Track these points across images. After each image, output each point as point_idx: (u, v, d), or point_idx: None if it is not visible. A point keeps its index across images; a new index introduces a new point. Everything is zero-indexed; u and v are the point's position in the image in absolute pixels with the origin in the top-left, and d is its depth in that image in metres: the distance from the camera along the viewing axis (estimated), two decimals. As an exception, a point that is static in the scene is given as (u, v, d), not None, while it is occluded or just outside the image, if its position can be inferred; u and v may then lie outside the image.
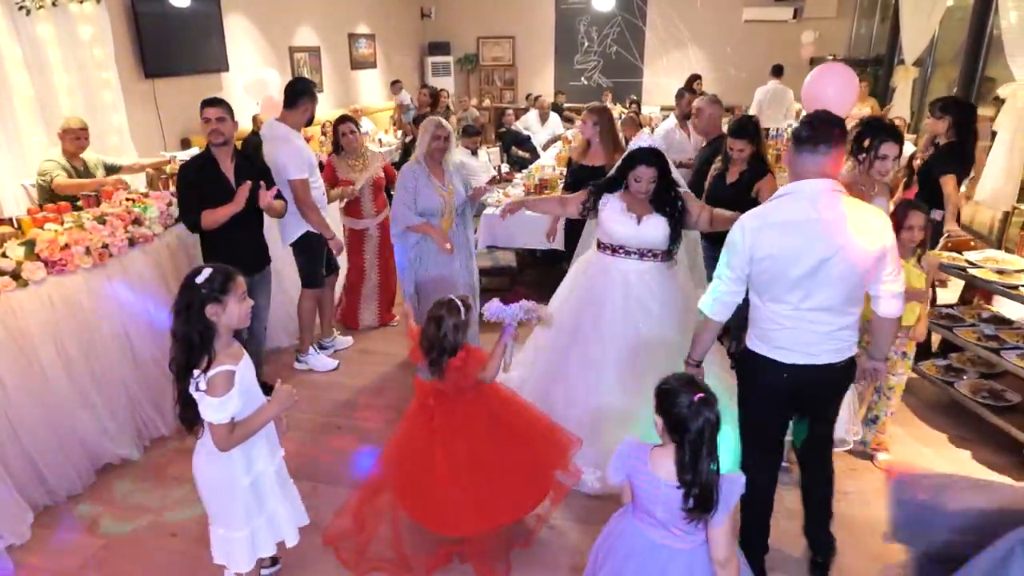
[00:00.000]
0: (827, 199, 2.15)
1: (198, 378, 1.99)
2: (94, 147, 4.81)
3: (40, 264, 3.03)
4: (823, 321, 2.20)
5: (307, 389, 4.10)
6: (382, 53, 11.27)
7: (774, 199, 2.25)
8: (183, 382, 2.03)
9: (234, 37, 7.49)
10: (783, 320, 2.22)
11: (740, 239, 2.21)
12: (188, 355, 2.00)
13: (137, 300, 3.47)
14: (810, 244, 2.12)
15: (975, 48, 5.89)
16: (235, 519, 2.19)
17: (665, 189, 3.09)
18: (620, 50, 12.37)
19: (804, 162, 2.17)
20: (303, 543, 2.46)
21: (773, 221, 2.18)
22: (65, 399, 3.08)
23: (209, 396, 1.98)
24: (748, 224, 2.20)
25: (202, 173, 3.41)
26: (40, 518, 2.96)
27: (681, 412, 1.78)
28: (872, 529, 2.85)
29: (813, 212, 2.13)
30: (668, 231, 3.10)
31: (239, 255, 3.49)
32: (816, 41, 10.86)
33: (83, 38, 5.03)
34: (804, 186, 2.17)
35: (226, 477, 2.13)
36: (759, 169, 3.78)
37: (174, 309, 2.02)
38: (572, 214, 3.42)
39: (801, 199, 2.16)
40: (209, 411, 2.00)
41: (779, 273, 2.18)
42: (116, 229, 3.39)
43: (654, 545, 1.89)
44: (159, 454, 3.47)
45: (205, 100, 3.44)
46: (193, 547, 2.81)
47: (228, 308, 2.03)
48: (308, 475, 3.26)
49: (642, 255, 3.16)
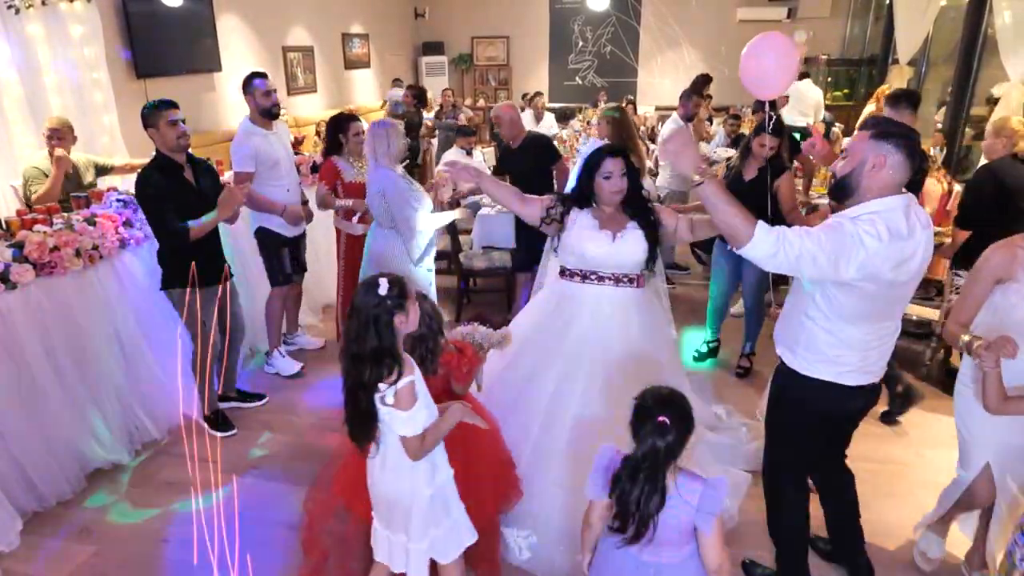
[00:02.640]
0: (920, 214, 2.04)
1: (384, 392, 1.91)
2: (87, 148, 4.77)
3: (29, 267, 2.98)
4: (889, 335, 2.16)
5: (301, 390, 4.07)
6: (376, 53, 11.23)
7: (879, 216, 1.94)
8: (362, 398, 1.94)
9: (227, 37, 7.44)
10: (862, 339, 2.10)
11: (876, 243, 1.91)
12: (379, 370, 1.90)
13: (128, 303, 3.43)
14: (905, 266, 1.99)
15: (969, 48, 5.89)
16: (415, 529, 2.09)
17: (636, 189, 2.75)
18: (615, 50, 12.35)
19: (909, 172, 1.99)
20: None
21: (888, 251, 1.93)
22: (54, 403, 3.04)
23: (398, 410, 1.91)
24: (870, 246, 1.90)
25: (169, 181, 3.24)
26: (29, 525, 2.92)
27: (638, 432, 1.75)
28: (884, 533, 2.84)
29: (912, 235, 1.97)
30: (646, 247, 2.70)
31: (215, 263, 3.46)
32: (810, 41, 10.88)
33: (74, 37, 4.97)
34: (905, 201, 1.99)
35: (407, 489, 2.05)
36: (779, 166, 3.81)
37: (357, 329, 1.90)
38: (530, 218, 2.84)
39: (907, 216, 1.98)
40: (401, 425, 1.93)
41: (871, 297, 2.02)
42: (106, 231, 3.35)
43: (640, 563, 1.82)
44: (150, 458, 3.43)
45: (161, 102, 3.25)
46: (185, 552, 2.78)
47: (410, 315, 1.96)
48: (301, 479, 3.24)
49: (617, 281, 2.74)
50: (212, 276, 3.42)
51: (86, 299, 3.21)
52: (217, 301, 3.46)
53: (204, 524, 2.93)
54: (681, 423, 1.74)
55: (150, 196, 3.21)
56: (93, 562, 2.75)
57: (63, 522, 2.97)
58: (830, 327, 2.09)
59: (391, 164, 3.58)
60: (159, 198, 3.19)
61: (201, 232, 3.25)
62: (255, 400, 3.90)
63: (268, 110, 3.92)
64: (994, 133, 3.68)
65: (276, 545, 2.82)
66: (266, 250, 4.10)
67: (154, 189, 3.20)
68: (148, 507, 3.07)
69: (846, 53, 10.84)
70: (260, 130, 3.93)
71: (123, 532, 2.91)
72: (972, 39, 5.85)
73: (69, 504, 3.07)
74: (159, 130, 3.22)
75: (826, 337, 2.11)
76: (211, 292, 3.40)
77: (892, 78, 7.90)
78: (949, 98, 6.52)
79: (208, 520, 2.96)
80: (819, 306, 2.09)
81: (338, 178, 4.24)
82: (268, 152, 3.93)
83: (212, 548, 2.79)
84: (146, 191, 3.22)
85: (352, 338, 1.91)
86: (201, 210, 3.27)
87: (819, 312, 2.10)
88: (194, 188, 3.32)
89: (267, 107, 3.91)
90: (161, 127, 3.21)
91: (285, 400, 3.97)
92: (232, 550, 2.79)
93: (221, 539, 2.84)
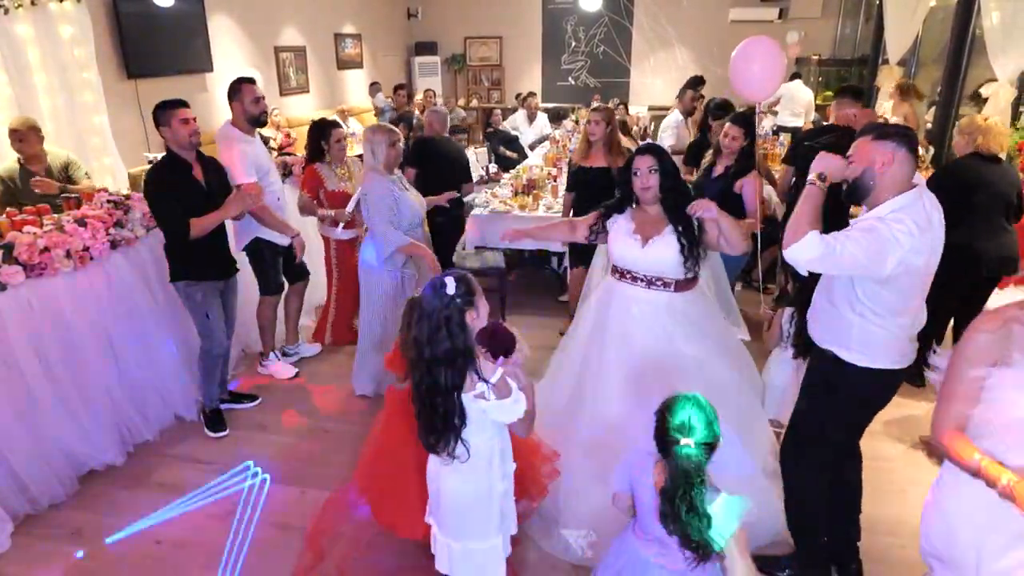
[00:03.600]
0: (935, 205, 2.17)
1: (484, 391, 1.89)
2: (77, 148, 4.74)
3: (19, 268, 2.97)
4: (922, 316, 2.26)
5: (295, 392, 4.07)
6: (368, 53, 11.22)
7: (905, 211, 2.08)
8: (441, 403, 1.90)
9: (218, 37, 7.43)
10: (907, 326, 2.22)
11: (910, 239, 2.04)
12: (455, 372, 1.88)
13: (119, 303, 3.42)
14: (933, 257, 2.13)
15: (958, 48, 5.93)
16: (491, 528, 2.11)
17: (671, 188, 2.73)
18: (607, 50, 12.38)
19: (910, 171, 2.13)
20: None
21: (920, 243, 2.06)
22: (46, 405, 3.03)
23: (500, 400, 1.90)
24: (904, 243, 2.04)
25: (179, 179, 3.27)
26: (21, 527, 2.90)
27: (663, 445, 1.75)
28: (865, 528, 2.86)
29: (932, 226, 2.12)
30: (679, 253, 2.67)
31: (217, 260, 3.49)
32: (801, 41, 10.94)
33: (63, 38, 4.95)
34: (920, 193, 2.12)
35: (484, 488, 2.04)
36: (746, 165, 3.75)
37: (428, 333, 1.87)
38: (581, 239, 2.99)
39: (924, 206, 2.11)
40: (507, 413, 1.92)
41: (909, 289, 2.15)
42: (97, 232, 3.34)
43: (648, 564, 1.84)
44: (143, 459, 3.42)
45: (173, 101, 3.27)
46: (177, 554, 2.78)
47: (480, 309, 1.95)
48: (297, 479, 3.24)
49: (649, 283, 2.75)
50: (215, 270, 3.47)
51: (77, 300, 3.20)
52: (220, 296, 3.50)
53: (198, 526, 2.94)
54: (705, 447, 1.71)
55: (157, 191, 3.25)
56: (85, 564, 2.74)
57: (55, 524, 2.95)
58: (882, 322, 2.20)
59: (382, 172, 3.54)
60: (163, 193, 3.23)
61: (202, 229, 3.26)
62: (248, 401, 3.90)
63: (256, 118, 3.82)
64: (959, 132, 3.83)
65: (271, 546, 2.82)
66: (261, 261, 4.00)
67: (162, 184, 3.24)
68: (141, 508, 3.05)
69: (837, 53, 10.90)
70: (246, 136, 3.84)
71: (116, 534, 2.89)
72: (961, 40, 5.90)
73: (61, 506, 3.05)
74: (172, 128, 3.23)
75: (881, 332, 2.21)
76: (213, 287, 3.46)
77: (882, 78, 7.95)
78: (938, 98, 6.57)
79: (202, 522, 2.96)
80: (865, 303, 2.20)
81: (321, 186, 4.19)
82: (259, 159, 3.88)
83: (206, 550, 2.79)
84: (153, 186, 3.26)
85: (424, 342, 1.88)
86: (208, 207, 3.30)
87: (867, 309, 2.20)
88: (202, 186, 3.34)
89: (255, 114, 3.80)
90: (174, 125, 3.23)
91: (279, 401, 3.96)
92: (226, 551, 2.79)
93: (215, 540, 2.85)
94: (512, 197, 5.64)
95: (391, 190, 3.52)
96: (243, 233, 3.89)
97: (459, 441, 1.94)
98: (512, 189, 5.83)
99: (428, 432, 1.97)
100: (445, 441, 1.94)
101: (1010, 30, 5.15)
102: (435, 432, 1.94)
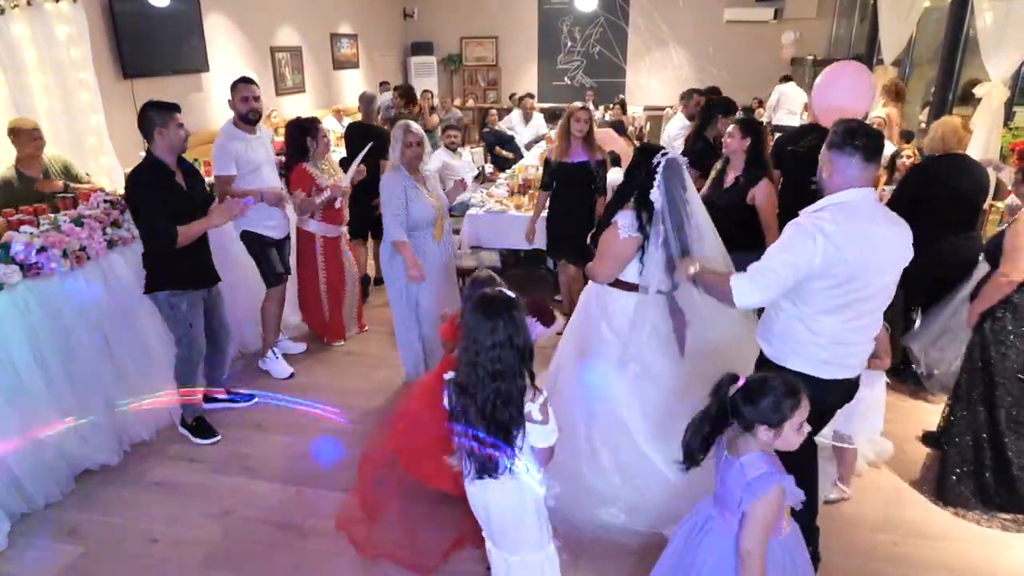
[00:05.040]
0: (881, 208, 2.20)
1: (530, 409, 1.91)
2: (73, 148, 4.74)
3: (15, 267, 2.97)
4: (870, 331, 2.24)
5: (292, 390, 4.07)
6: (365, 53, 11.21)
7: (829, 208, 2.14)
8: (504, 414, 1.90)
9: (214, 37, 7.42)
10: (837, 332, 2.17)
11: (814, 245, 2.06)
12: (523, 383, 1.90)
13: (116, 303, 3.42)
14: (874, 255, 2.10)
15: (952, 48, 5.96)
16: (544, 536, 2.12)
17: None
18: (603, 50, 12.40)
19: (860, 170, 2.14)
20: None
21: (847, 230, 2.07)
22: (42, 404, 3.02)
23: (543, 425, 1.93)
24: (827, 229, 2.06)
25: (163, 184, 3.19)
26: (17, 526, 2.91)
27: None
28: (857, 525, 2.88)
29: (872, 222, 2.12)
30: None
31: (203, 268, 3.45)
32: (796, 41, 10.97)
33: (59, 38, 4.94)
34: (859, 195, 2.13)
35: (530, 498, 2.05)
36: (755, 174, 3.48)
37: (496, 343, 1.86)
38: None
39: (861, 208, 2.13)
40: (542, 437, 1.96)
41: (845, 284, 2.10)
42: (94, 231, 3.34)
43: (708, 517, 1.98)
44: (139, 459, 3.42)
45: (171, 105, 3.22)
46: (174, 552, 2.78)
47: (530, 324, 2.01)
48: (293, 478, 3.25)
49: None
50: (200, 279, 3.42)
51: (73, 300, 3.20)
52: (203, 305, 3.45)
53: (195, 525, 2.94)
54: (757, 395, 1.82)
55: (142, 198, 3.16)
56: (82, 563, 2.74)
57: (52, 523, 2.96)
58: (803, 317, 2.17)
59: (398, 169, 3.63)
60: (151, 200, 3.14)
61: (188, 238, 3.19)
62: (245, 400, 3.90)
63: (244, 115, 3.90)
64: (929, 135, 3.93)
65: (267, 545, 2.83)
66: (252, 252, 4.09)
67: (147, 191, 3.15)
68: (137, 508, 3.06)
69: (832, 53, 10.91)
70: (242, 134, 3.91)
71: (112, 533, 2.90)
72: (955, 40, 5.93)
73: (57, 505, 3.06)
74: (169, 130, 3.15)
75: (800, 327, 2.19)
76: (197, 296, 3.40)
77: (877, 79, 7.97)
78: (932, 98, 6.60)
79: (198, 520, 2.97)
80: (792, 297, 2.17)
81: (313, 184, 4.15)
82: (249, 157, 3.90)
83: (203, 548, 2.80)
84: (138, 192, 3.17)
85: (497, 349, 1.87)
86: (189, 213, 3.23)
87: (792, 303, 2.18)
88: (185, 191, 3.29)
89: (243, 112, 3.89)
90: (171, 128, 3.16)
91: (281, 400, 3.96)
92: (222, 550, 2.80)
93: (211, 539, 2.85)
94: (508, 197, 5.67)
95: (403, 188, 3.59)
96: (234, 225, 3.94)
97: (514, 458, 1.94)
98: (508, 189, 5.86)
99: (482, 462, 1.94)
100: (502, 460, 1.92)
101: (1003, 30, 5.18)
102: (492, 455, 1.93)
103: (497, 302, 1.92)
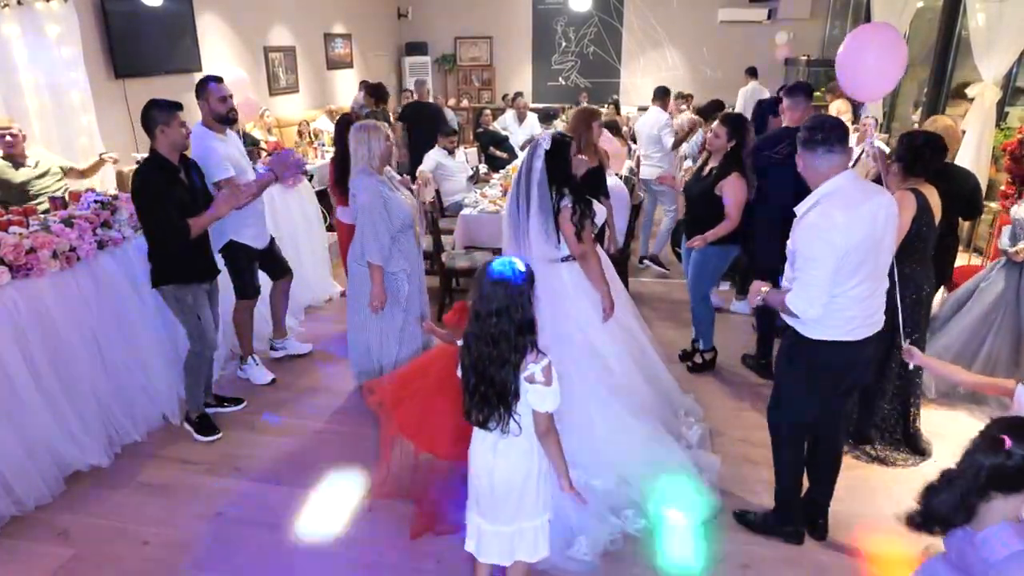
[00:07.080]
0: (863, 184, 2.40)
1: (533, 371, 1.96)
2: (65, 148, 4.72)
3: (4, 268, 2.95)
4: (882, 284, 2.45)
5: (283, 392, 4.06)
6: (359, 53, 11.19)
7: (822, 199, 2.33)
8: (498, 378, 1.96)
9: (207, 36, 7.39)
10: (860, 295, 2.37)
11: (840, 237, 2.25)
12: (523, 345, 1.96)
13: (106, 304, 3.40)
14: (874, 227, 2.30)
15: (944, 49, 5.99)
16: (540, 504, 2.16)
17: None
18: (597, 50, 12.42)
19: (830, 162, 2.34)
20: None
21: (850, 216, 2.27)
22: (32, 406, 3.01)
23: (544, 386, 1.97)
24: (838, 219, 2.26)
25: (170, 181, 3.23)
26: (7, 528, 2.89)
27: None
28: (847, 522, 2.89)
29: (865, 201, 2.31)
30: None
31: (205, 261, 3.48)
32: (790, 42, 11.01)
33: (50, 37, 4.92)
34: (844, 179, 2.34)
35: (525, 469, 2.08)
36: (727, 168, 3.80)
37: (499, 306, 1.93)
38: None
39: (850, 192, 2.32)
40: (542, 400, 1.99)
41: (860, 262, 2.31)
42: (84, 232, 3.32)
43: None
44: (130, 460, 3.40)
45: (172, 103, 3.24)
46: (165, 554, 2.77)
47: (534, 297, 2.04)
48: (284, 479, 3.24)
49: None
50: (204, 272, 3.48)
51: (63, 301, 3.18)
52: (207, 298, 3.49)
53: (186, 527, 2.93)
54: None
55: (151, 195, 3.19)
56: (72, 566, 2.72)
57: (41, 525, 2.94)
58: (832, 296, 2.34)
59: (372, 171, 3.43)
60: (160, 196, 3.18)
61: (200, 229, 3.29)
62: (234, 404, 3.87)
63: (224, 116, 3.72)
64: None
65: (259, 546, 2.82)
66: (236, 264, 3.93)
67: (155, 188, 3.19)
68: (128, 509, 3.04)
69: (826, 54, 10.95)
70: (218, 135, 3.76)
71: (102, 535, 2.89)
72: (947, 40, 5.96)
73: (47, 507, 3.03)
74: (172, 128, 3.20)
75: (830, 301, 2.35)
76: (201, 289, 3.45)
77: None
78: (924, 98, 6.63)
79: (190, 522, 2.96)
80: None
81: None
82: (232, 156, 3.79)
83: (194, 550, 2.79)
84: (147, 190, 3.20)
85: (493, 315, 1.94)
86: (195, 207, 3.30)
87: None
88: (188, 187, 3.34)
89: (222, 113, 3.71)
90: (174, 126, 3.21)
91: (266, 403, 3.95)
92: (213, 552, 2.78)
93: (203, 541, 2.84)
94: (502, 197, 5.65)
95: (380, 192, 3.41)
96: (218, 236, 3.76)
97: (511, 417, 2.00)
98: (501, 189, 5.84)
99: (480, 407, 2.01)
100: (497, 416, 2.00)
101: (995, 31, 5.21)
102: (488, 406, 2.00)
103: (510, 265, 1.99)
